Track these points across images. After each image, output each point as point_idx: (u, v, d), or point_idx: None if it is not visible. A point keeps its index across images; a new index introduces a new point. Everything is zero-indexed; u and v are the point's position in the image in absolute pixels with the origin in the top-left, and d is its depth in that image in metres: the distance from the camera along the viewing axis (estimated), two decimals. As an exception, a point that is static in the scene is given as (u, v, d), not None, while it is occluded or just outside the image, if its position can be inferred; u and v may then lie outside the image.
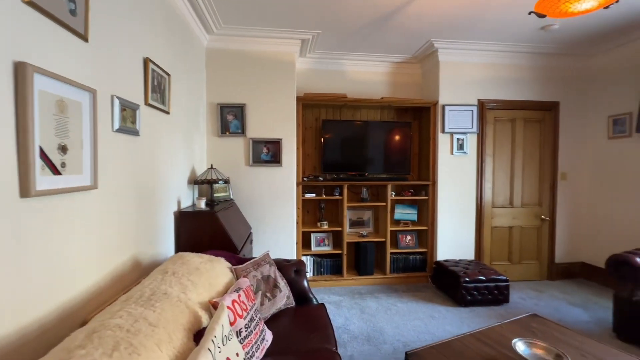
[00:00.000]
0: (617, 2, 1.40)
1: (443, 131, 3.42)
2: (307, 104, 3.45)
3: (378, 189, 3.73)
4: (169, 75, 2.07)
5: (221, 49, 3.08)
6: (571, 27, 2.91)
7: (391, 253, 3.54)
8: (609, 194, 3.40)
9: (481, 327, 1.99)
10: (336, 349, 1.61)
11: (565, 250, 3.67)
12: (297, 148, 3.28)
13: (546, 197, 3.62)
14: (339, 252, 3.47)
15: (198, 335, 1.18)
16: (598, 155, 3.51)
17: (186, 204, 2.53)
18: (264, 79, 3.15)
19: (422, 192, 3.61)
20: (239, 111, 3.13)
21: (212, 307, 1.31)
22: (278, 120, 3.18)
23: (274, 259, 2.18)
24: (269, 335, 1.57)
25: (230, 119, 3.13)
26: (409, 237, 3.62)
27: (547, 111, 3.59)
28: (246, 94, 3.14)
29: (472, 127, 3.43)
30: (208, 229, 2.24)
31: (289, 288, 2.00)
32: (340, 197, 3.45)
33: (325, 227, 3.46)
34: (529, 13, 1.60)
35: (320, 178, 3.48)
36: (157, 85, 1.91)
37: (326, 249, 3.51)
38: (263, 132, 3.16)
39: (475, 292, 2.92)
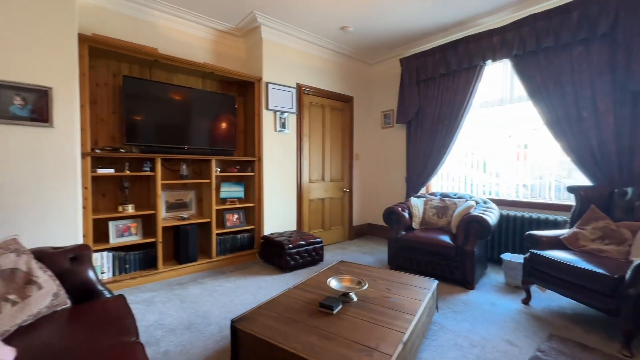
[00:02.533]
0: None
1: (267, 108, 3.49)
2: (99, 51, 2.59)
3: (201, 165, 3.36)
4: None
5: None
6: (361, 35, 3.68)
7: (218, 234, 3.27)
8: (383, 170, 4.59)
9: (303, 280, 2.12)
10: (137, 339, 1.22)
11: (359, 215, 4.67)
12: (83, 106, 2.41)
13: (346, 173, 4.46)
14: (153, 240, 2.85)
15: None
16: (376, 140, 4.67)
17: None
18: (14, -6, 2.09)
19: (248, 169, 3.56)
20: (-45, 31, 1.92)
21: None
22: (44, 60, 2.20)
23: (35, 248, 1.45)
24: (6, 355, 0.98)
25: None
26: (236, 216, 3.48)
27: (346, 103, 4.42)
28: (-27, 7, 1.97)
29: (292, 108, 3.71)
30: None
31: (58, 282, 1.37)
32: (152, 174, 2.83)
33: (130, 211, 2.74)
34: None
35: (122, 150, 2.73)
36: None
37: (133, 239, 2.79)
38: (12, 72, 2.09)
39: (297, 257, 3.16)
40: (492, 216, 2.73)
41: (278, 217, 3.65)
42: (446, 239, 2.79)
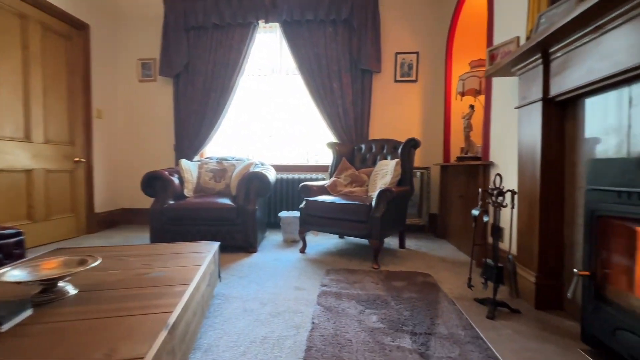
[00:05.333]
0: None
1: None
2: None
3: None
4: None
5: None
6: None
7: None
8: (143, 134, 3.51)
9: None
10: None
11: (106, 198, 3.33)
12: None
13: (80, 135, 3.01)
14: None
15: None
16: (132, 96, 3.50)
17: None
18: None
19: None
20: None
21: None
22: None
23: None
24: None
25: None
26: None
27: (76, 29, 2.95)
28: None
29: None
30: None
31: None
32: None
33: None
34: None
35: None
36: None
37: None
38: None
39: (-51, 268, 1.61)
40: (270, 174, 2.63)
41: None
42: (226, 201, 2.39)
